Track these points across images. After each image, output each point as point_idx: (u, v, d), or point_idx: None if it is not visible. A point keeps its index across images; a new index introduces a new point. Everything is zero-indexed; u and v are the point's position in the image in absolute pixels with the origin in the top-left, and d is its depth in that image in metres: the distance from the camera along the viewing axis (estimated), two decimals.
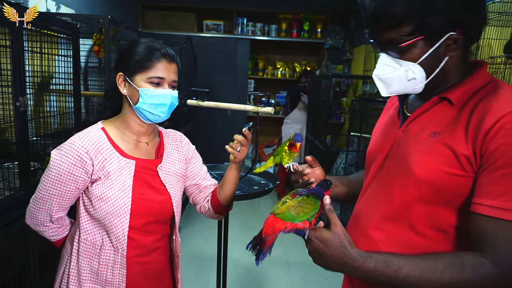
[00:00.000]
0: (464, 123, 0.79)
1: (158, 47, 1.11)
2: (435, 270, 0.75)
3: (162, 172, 1.20)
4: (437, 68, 0.82)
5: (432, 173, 0.80)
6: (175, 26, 4.92)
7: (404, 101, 0.99)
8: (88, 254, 1.12)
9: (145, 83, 1.10)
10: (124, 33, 2.52)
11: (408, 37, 0.78)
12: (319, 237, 0.84)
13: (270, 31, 5.19)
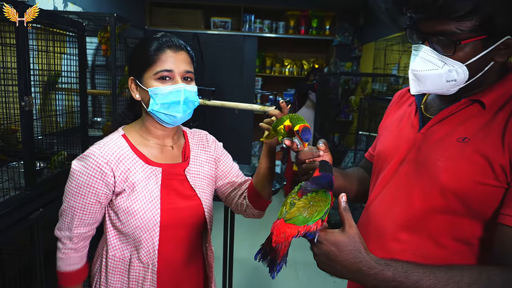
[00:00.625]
0: (500, 130, 0.74)
1: (160, 38, 1.01)
2: (460, 284, 0.68)
3: (190, 175, 1.11)
4: (481, 72, 0.76)
5: (462, 183, 0.75)
6: (183, 23, 4.90)
7: (422, 100, 0.93)
8: (118, 270, 1.06)
9: (153, 81, 0.99)
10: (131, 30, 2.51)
11: (469, 34, 0.70)
12: (331, 240, 0.73)
13: (278, 28, 5.14)
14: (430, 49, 0.76)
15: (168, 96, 0.99)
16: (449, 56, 0.74)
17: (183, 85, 1.00)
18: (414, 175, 0.84)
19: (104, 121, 2.78)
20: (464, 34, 0.70)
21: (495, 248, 0.73)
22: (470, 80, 0.77)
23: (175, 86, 0.99)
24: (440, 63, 0.75)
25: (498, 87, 0.78)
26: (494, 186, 0.73)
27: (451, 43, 0.72)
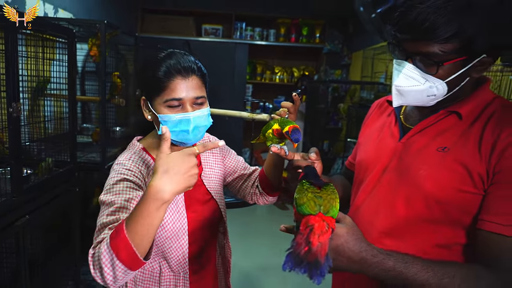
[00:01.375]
0: (477, 139, 0.78)
1: (169, 62, 0.96)
2: (453, 279, 0.71)
3: (206, 179, 1.14)
4: (458, 86, 0.80)
5: (445, 190, 0.78)
6: (174, 30, 4.92)
7: (401, 111, 0.97)
8: (147, 283, 1.04)
9: (163, 108, 0.96)
10: (122, 37, 2.52)
11: (450, 55, 0.74)
12: (337, 233, 0.72)
13: (269, 35, 5.20)
14: (413, 67, 0.79)
15: (177, 125, 0.96)
16: (431, 74, 0.77)
17: (192, 114, 0.96)
18: (396, 183, 0.86)
19: (93, 127, 2.77)
20: (446, 56, 0.74)
21: (477, 253, 0.76)
22: (448, 94, 0.81)
23: (184, 115, 0.96)
24: (422, 80, 0.79)
25: (473, 99, 0.82)
26: (473, 193, 0.76)
27: (434, 64, 0.76)
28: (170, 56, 0.98)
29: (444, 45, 0.73)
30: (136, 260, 0.76)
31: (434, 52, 0.74)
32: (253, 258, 3.35)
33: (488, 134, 0.77)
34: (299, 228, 0.71)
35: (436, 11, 0.71)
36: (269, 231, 3.98)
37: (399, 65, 0.82)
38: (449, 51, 0.73)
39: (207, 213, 1.11)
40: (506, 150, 0.74)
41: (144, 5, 4.97)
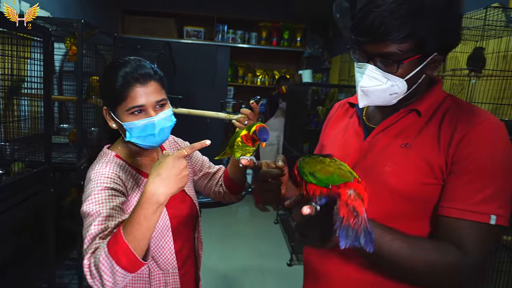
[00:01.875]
0: (435, 133, 0.83)
1: (125, 71, 0.99)
2: (424, 247, 0.78)
3: None
4: (415, 84, 0.85)
5: (409, 185, 0.82)
6: (155, 31, 4.90)
7: (363, 112, 1.01)
8: (138, 285, 1.07)
9: (127, 116, 0.99)
10: (101, 37, 2.50)
11: (407, 54, 0.79)
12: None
13: (251, 38, 5.23)
14: (375, 68, 0.84)
15: (143, 130, 1.00)
16: (392, 73, 0.83)
17: (156, 118, 1.00)
18: (364, 181, 0.90)
19: (71, 128, 2.73)
20: (404, 55, 0.79)
21: (440, 238, 0.81)
22: (407, 92, 0.86)
23: (148, 120, 0.99)
24: (384, 79, 0.83)
25: (429, 97, 0.89)
26: (434, 185, 0.82)
27: (394, 62, 0.81)
28: (126, 65, 1.00)
29: (401, 45, 0.78)
30: (136, 262, 0.80)
31: (393, 51, 0.79)
32: (232, 260, 3.35)
33: (445, 128, 0.83)
34: (310, 201, 0.70)
35: (390, 14, 0.76)
36: (249, 233, 3.99)
37: (361, 67, 0.86)
38: (406, 50, 0.78)
39: (185, 210, 1.15)
40: (462, 141, 0.79)
41: (124, 6, 4.93)
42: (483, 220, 0.77)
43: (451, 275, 0.78)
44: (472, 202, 0.78)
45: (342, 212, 0.66)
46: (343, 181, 0.69)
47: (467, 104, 0.88)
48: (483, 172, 0.78)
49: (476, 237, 0.77)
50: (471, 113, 0.83)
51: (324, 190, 0.70)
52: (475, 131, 0.79)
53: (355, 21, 0.83)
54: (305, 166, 0.75)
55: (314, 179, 0.72)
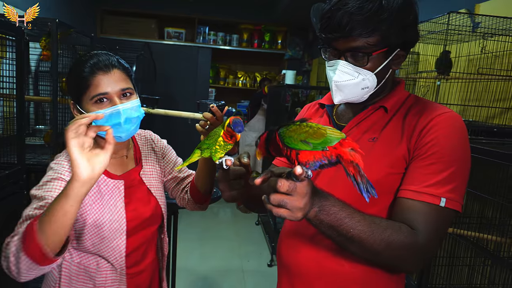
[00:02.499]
0: (399, 127, 0.90)
1: (88, 60, 1.00)
2: (380, 224, 0.81)
3: (145, 177, 1.15)
4: (384, 79, 0.92)
5: (376, 175, 0.87)
6: (135, 32, 4.86)
7: (333, 113, 1.06)
8: (82, 278, 1.04)
9: (91, 106, 0.98)
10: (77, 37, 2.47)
11: (375, 47, 0.85)
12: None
13: (232, 40, 5.25)
14: (346, 63, 0.89)
15: (108, 120, 0.97)
16: (362, 67, 0.88)
17: (121, 106, 0.98)
18: (335, 175, 0.94)
19: (47, 128, 2.68)
20: (371, 48, 0.86)
21: (396, 219, 0.85)
22: (377, 86, 0.92)
23: (113, 108, 0.98)
24: (356, 73, 0.89)
25: (394, 95, 0.96)
26: (398, 174, 0.88)
27: (364, 56, 0.87)
28: (92, 57, 1.01)
29: (368, 39, 0.84)
30: (44, 255, 0.76)
31: (361, 45, 0.85)
32: (212, 261, 3.35)
33: (408, 121, 0.90)
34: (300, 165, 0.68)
35: (356, 11, 0.83)
36: (230, 235, 4.00)
37: (333, 65, 0.92)
38: (373, 43, 0.85)
39: (148, 211, 1.12)
40: (423, 131, 0.86)
41: (104, 6, 4.88)
42: (434, 202, 0.82)
43: (404, 254, 0.82)
44: (426, 185, 0.83)
45: (351, 171, 0.68)
46: (338, 139, 0.69)
47: (428, 101, 0.96)
48: (440, 158, 0.84)
49: (426, 218, 0.82)
50: (432, 108, 0.90)
51: (319, 154, 0.69)
52: (435, 122, 0.86)
53: (324, 20, 0.89)
54: (292, 135, 0.72)
55: (308, 146, 0.70)
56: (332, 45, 0.89)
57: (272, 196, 0.70)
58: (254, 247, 3.67)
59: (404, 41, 0.88)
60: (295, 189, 0.69)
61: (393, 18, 0.83)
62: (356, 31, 0.83)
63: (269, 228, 3.79)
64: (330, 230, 0.80)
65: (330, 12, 0.86)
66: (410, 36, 0.89)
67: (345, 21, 0.83)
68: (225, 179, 0.88)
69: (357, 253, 0.85)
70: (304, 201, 0.71)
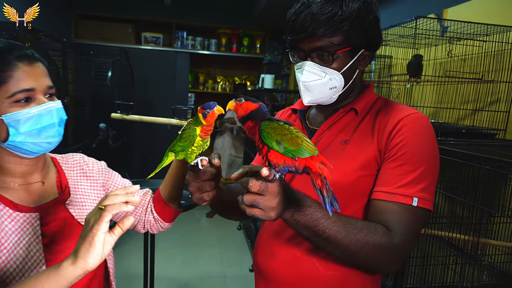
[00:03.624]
0: (370, 129, 0.92)
1: (7, 50, 0.78)
2: (356, 225, 0.81)
3: (74, 208, 0.92)
4: (351, 79, 0.94)
5: (348, 177, 0.88)
6: (112, 37, 4.78)
7: (306, 117, 1.07)
8: None
9: (8, 106, 0.77)
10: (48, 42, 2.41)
11: (339, 46, 0.88)
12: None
13: (210, 45, 5.23)
14: (313, 63, 0.91)
15: (38, 121, 0.79)
16: (328, 66, 0.91)
17: (54, 104, 0.82)
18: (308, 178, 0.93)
19: None
20: (335, 47, 0.88)
21: (371, 220, 0.86)
22: (345, 86, 0.94)
23: (45, 107, 0.80)
24: (322, 73, 0.91)
25: (363, 98, 0.98)
26: (370, 176, 0.89)
27: (329, 55, 0.89)
28: (7, 46, 0.81)
29: (331, 38, 0.87)
30: None
31: (326, 45, 0.88)
32: (193, 268, 3.31)
33: (378, 123, 0.92)
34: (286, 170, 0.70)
35: (318, 11, 0.86)
36: (211, 240, 3.96)
37: (301, 67, 0.94)
38: (337, 43, 0.88)
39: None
40: (392, 132, 0.88)
41: (79, 10, 4.78)
42: (406, 202, 0.84)
43: (380, 254, 0.82)
44: (398, 186, 0.85)
45: (318, 184, 0.69)
46: (310, 154, 0.70)
47: (396, 103, 0.98)
48: (410, 158, 0.85)
49: (400, 218, 0.83)
50: (399, 109, 0.93)
51: (288, 160, 0.70)
52: (403, 123, 0.88)
53: (290, 23, 0.91)
54: (271, 131, 0.72)
55: (280, 148, 0.70)
56: (298, 46, 0.92)
57: (245, 196, 0.71)
58: (236, 252, 3.65)
59: (367, 41, 0.91)
60: (266, 189, 0.70)
61: (353, 18, 0.86)
62: (319, 30, 0.86)
63: (251, 232, 3.78)
64: (306, 231, 0.81)
65: (295, 14, 0.89)
66: (372, 36, 0.92)
67: (308, 22, 0.86)
68: (196, 181, 0.85)
69: (333, 254, 0.85)
70: (276, 200, 0.72)
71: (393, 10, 2.66)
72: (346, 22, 0.86)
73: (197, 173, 0.84)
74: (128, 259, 3.33)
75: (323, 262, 0.92)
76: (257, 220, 3.40)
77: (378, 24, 0.93)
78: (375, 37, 0.93)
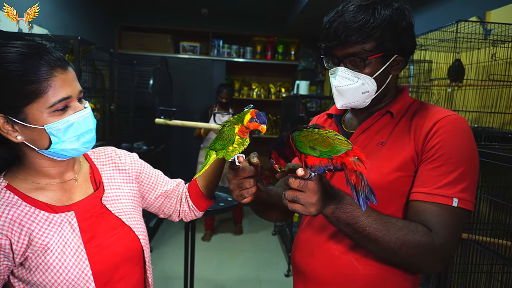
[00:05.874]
0: (406, 131, 0.94)
1: (35, 54, 0.76)
2: (396, 224, 0.84)
3: (110, 203, 0.93)
4: (384, 84, 0.96)
5: (385, 177, 0.91)
6: (152, 47, 5.00)
7: (341, 121, 1.10)
8: None
9: (49, 116, 0.77)
10: (97, 53, 2.58)
11: (371, 52, 0.90)
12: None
13: (245, 53, 5.33)
14: (345, 69, 0.95)
15: (77, 128, 0.80)
16: (360, 71, 0.94)
17: (88, 110, 0.83)
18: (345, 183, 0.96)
19: None
20: (367, 53, 0.91)
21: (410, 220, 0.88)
22: (378, 91, 0.97)
23: (82, 113, 0.81)
24: (355, 78, 0.94)
25: (399, 101, 1.00)
26: (407, 177, 0.91)
27: (361, 61, 0.92)
28: (34, 49, 0.77)
29: (363, 45, 0.90)
30: None
31: (358, 51, 0.91)
32: (229, 271, 3.37)
33: (415, 124, 0.93)
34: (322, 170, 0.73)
35: (351, 19, 0.90)
36: (246, 245, 4.00)
37: (334, 72, 0.97)
38: (369, 49, 0.91)
39: (119, 245, 0.90)
40: (429, 133, 0.89)
41: (122, 22, 5.04)
42: (446, 203, 0.84)
43: (421, 253, 0.83)
44: (437, 186, 0.86)
45: (352, 179, 0.71)
46: (344, 150, 0.72)
47: (432, 105, 0.99)
48: (448, 159, 0.86)
49: (441, 219, 0.84)
50: (436, 111, 0.94)
51: (325, 161, 0.74)
52: (440, 124, 0.89)
53: (324, 31, 0.95)
54: (303, 140, 0.76)
55: (315, 152, 0.74)
56: (332, 53, 0.96)
57: (287, 192, 0.77)
58: (271, 257, 3.67)
59: (400, 46, 0.93)
60: (306, 186, 0.75)
61: (385, 25, 0.89)
62: (351, 38, 0.90)
63: (286, 238, 3.79)
64: (347, 228, 0.84)
65: (329, 23, 0.94)
66: (405, 42, 0.94)
67: (341, 30, 0.90)
68: (235, 178, 0.89)
69: (374, 252, 0.88)
70: (316, 197, 0.76)
71: (432, 14, 2.62)
72: (378, 29, 0.89)
73: (237, 171, 0.88)
74: (166, 260, 3.44)
75: (361, 261, 0.94)
76: (292, 225, 3.41)
77: (411, 30, 0.95)
78: (409, 42, 0.95)
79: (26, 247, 0.78)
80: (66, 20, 3.35)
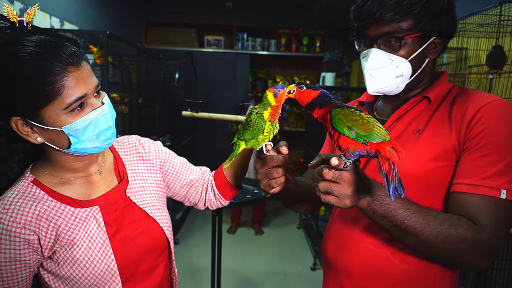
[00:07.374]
0: (446, 117, 0.87)
1: (51, 52, 0.72)
2: (437, 217, 0.78)
3: (134, 195, 0.92)
4: (420, 68, 0.90)
5: (422, 167, 0.85)
6: (177, 41, 5.04)
7: (374, 108, 1.05)
8: None
9: (66, 117, 0.75)
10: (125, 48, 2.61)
11: (407, 32, 0.85)
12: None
13: (270, 45, 5.28)
14: (379, 50, 0.89)
15: (96, 126, 0.78)
16: (394, 52, 0.88)
17: (106, 107, 0.80)
18: None
19: None
20: (404, 32, 0.85)
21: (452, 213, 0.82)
22: (413, 75, 0.91)
23: (100, 111, 0.78)
24: (389, 60, 0.89)
25: (437, 86, 0.93)
26: (447, 167, 0.85)
27: (396, 41, 0.86)
28: (46, 46, 0.73)
29: (400, 23, 0.85)
30: None
31: (394, 30, 0.86)
32: (255, 264, 3.37)
33: (456, 111, 0.87)
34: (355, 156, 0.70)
35: None
36: (272, 238, 4.00)
37: (366, 55, 0.92)
38: (406, 28, 0.85)
39: (144, 237, 0.90)
40: (472, 121, 0.83)
41: (148, 18, 5.10)
42: (494, 194, 0.78)
43: (466, 249, 0.78)
44: (483, 177, 0.80)
45: (385, 168, 0.68)
46: (381, 139, 0.69)
47: (474, 90, 0.92)
48: (494, 148, 0.80)
49: (487, 212, 0.79)
50: (479, 96, 0.87)
51: (360, 145, 0.70)
52: (484, 110, 0.82)
53: (356, 10, 0.90)
54: (342, 118, 0.72)
55: (351, 133, 0.71)
56: (364, 33, 0.90)
57: (320, 184, 0.72)
58: (296, 251, 3.65)
59: (439, 28, 0.87)
60: (340, 177, 0.71)
61: (424, 2, 0.83)
62: (387, 15, 0.84)
63: (311, 231, 3.76)
64: (383, 221, 0.79)
65: (362, 1, 0.89)
66: (445, 23, 0.87)
67: (376, 8, 0.85)
68: (263, 167, 0.85)
69: (413, 246, 0.83)
70: (351, 189, 0.72)
71: None
72: (417, 6, 0.83)
73: (264, 160, 0.84)
74: (192, 252, 3.48)
75: (398, 255, 0.89)
76: (318, 218, 3.37)
77: (452, 11, 0.88)
78: (449, 23, 0.88)
79: (54, 242, 0.79)
80: (94, 16, 3.42)
